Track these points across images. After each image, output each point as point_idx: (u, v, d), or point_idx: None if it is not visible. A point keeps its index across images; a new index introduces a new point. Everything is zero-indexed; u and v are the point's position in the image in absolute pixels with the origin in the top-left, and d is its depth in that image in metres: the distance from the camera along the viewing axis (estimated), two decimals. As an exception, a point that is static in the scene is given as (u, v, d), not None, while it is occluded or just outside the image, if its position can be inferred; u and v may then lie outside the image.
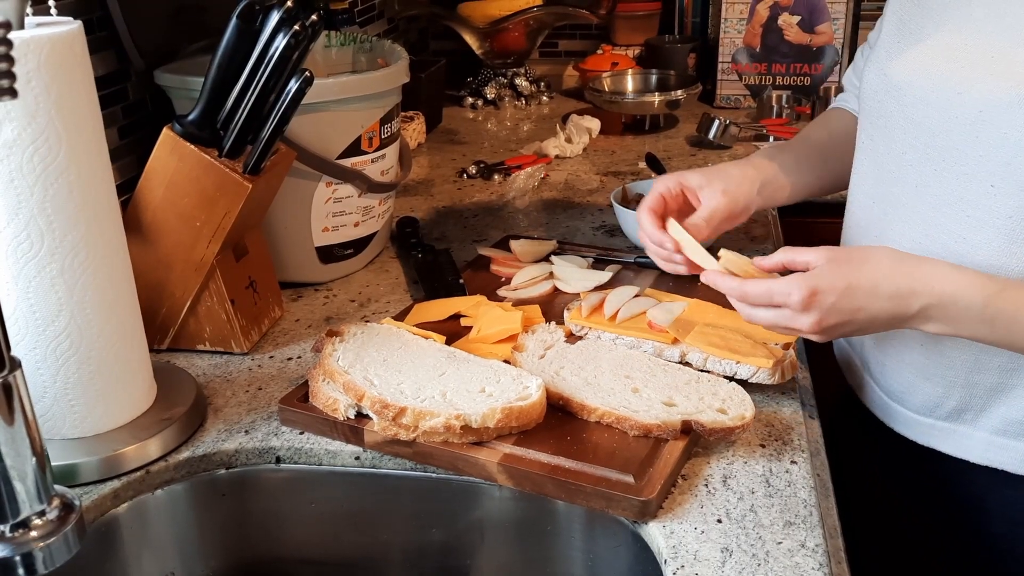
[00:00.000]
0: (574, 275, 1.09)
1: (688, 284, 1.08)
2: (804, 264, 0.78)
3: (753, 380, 0.86)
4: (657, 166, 1.36)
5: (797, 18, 1.92)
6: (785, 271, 0.81)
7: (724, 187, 0.95)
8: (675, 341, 0.90)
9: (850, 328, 0.77)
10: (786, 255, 0.79)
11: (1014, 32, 0.77)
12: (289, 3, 0.88)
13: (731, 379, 0.86)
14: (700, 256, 0.87)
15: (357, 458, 0.82)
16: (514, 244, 1.18)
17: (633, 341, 0.92)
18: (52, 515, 0.60)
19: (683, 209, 0.96)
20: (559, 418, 0.81)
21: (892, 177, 0.87)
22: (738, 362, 0.87)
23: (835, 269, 0.75)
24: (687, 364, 0.89)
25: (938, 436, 0.90)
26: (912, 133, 0.84)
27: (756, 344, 0.88)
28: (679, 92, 1.79)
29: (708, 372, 0.87)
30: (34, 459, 0.58)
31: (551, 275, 1.10)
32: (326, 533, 0.86)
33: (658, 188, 0.95)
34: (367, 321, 1.02)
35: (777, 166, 1.01)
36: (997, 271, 0.78)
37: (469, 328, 0.97)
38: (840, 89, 1.29)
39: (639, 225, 0.94)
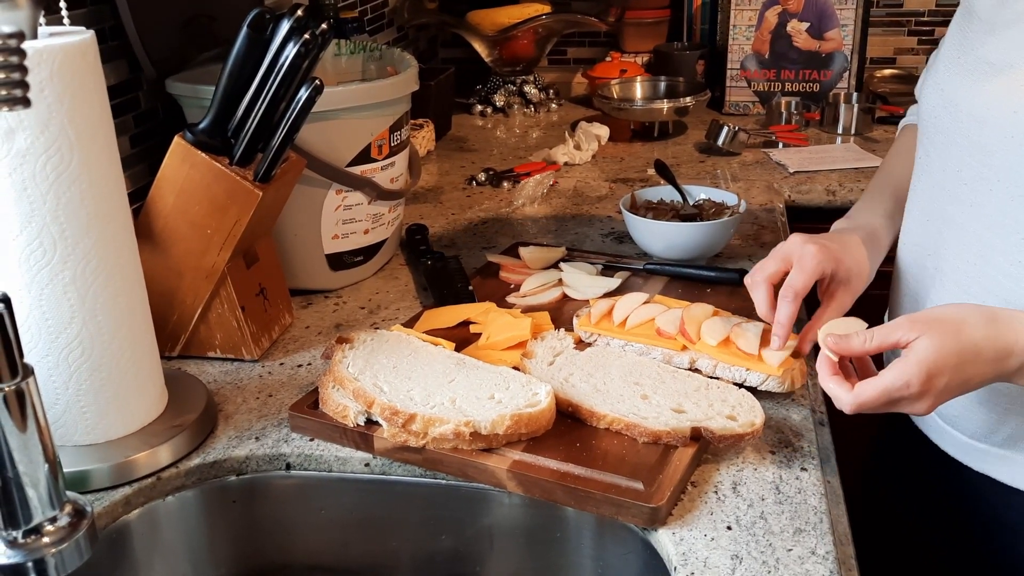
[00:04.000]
0: (583, 282, 1.09)
1: (696, 292, 1.08)
2: (896, 343, 0.74)
3: (763, 388, 0.86)
4: (666, 173, 1.36)
5: (806, 24, 1.92)
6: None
7: (856, 289, 0.90)
8: (684, 348, 0.90)
9: (956, 395, 0.74)
10: (878, 340, 0.75)
11: None
12: (299, 12, 0.89)
13: (741, 386, 0.86)
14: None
15: (367, 465, 0.83)
16: (523, 251, 1.18)
17: (642, 348, 0.92)
18: (64, 521, 0.60)
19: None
20: (568, 425, 0.81)
21: (948, 195, 0.85)
22: (748, 369, 0.87)
23: (939, 344, 0.71)
24: (696, 371, 0.89)
25: (992, 462, 0.87)
26: (968, 151, 0.82)
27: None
28: (688, 99, 1.79)
29: (717, 379, 0.87)
30: (46, 465, 0.59)
31: (560, 282, 1.10)
32: (336, 540, 0.86)
33: (815, 269, 0.87)
34: (377, 328, 1.03)
35: (892, 231, 0.97)
36: None
37: (478, 335, 0.97)
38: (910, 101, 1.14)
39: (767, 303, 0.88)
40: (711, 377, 0.88)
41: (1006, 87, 0.78)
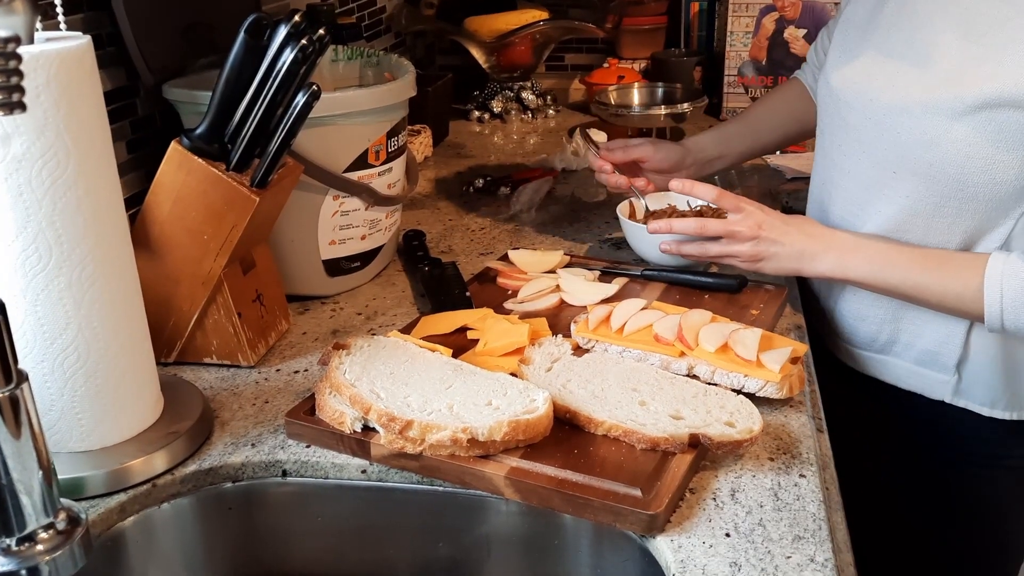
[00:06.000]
0: (581, 288, 1.09)
1: (694, 298, 1.08)
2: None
3: (761, 394, 0.86)
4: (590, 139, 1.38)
5: (803, 31, 1.92)
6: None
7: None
8: (682, 354, 0.90)
9: (772, 260, 1.01)
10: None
11: (914, 52, 0.96)
12: (296, 18, 0.89)
13: (739, 392, 0.85)
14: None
15: (364, 471, 0.82)
16: (512, 254, 1.18)
17: (640, 354, 0.92)
18: (58, 529, 0.60)
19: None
20: (566, 431, 0.81)
21: (831, 163, 1.09)
22: (746, 375, 0.86)
23: (764, 208, 1.03)
24: (695, 377, 0.89)
25: (876, 365, 1.10)
26: (843, 129, 1.05)
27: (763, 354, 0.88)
28: (685, 105, 1.79)
29: (715, 385, 0.87)
30: (40, 472, 0.58)
31: (558, 288, 1.10)
32: (332, 547, 0.86)
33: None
34: (374, 334, 1.02)
35: (709, 140, 1.33)
36: (904, 235, 0.99)
37: (476, 341, 0.97)
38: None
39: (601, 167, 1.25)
40: (709, 383, 0.87)
41: (867, 81, 1.01)
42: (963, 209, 0.94)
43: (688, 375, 0.89)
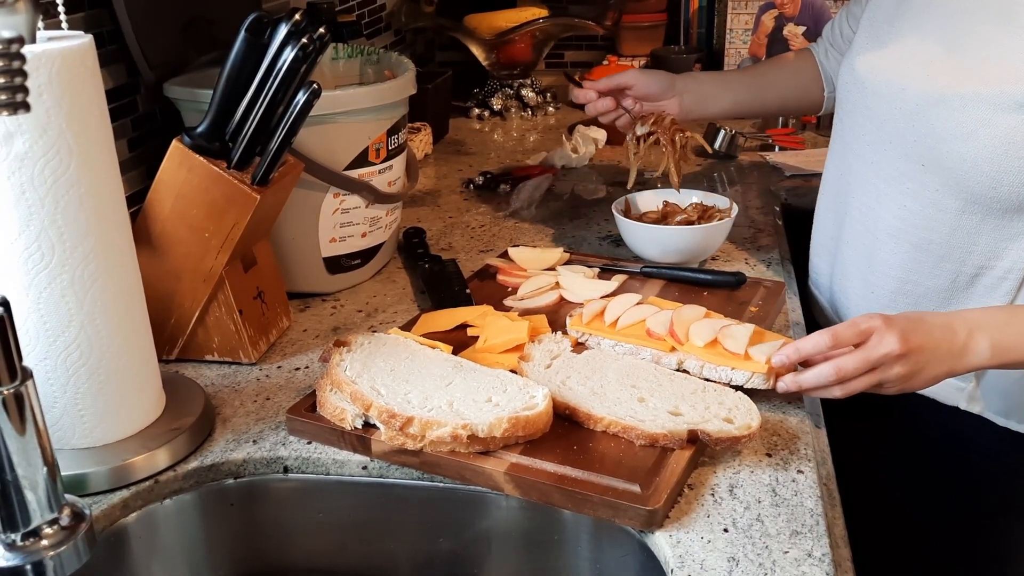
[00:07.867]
0: (580, 285, 1.10)
1: (693, 294, 1.09)
2: (857, 327, 0.83)
3: (748, 385, 0.86)
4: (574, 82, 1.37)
5: (802, 28, 1.92)
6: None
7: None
8: (673, 349, 0.91)
9: (926, 369, 0.82)
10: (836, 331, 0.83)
11: (949, 41, 0.93)
12: (297, 16, 0.89)
13: (728, 385, 0.86)
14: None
15: (364, 468, 0.83)
16: (512, 251, 1.18)
17: (632, 348, 0.93)
18: (62, 524, 0.60)
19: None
20: (566, 427, 0.82)
21: (853, 154, 1.06)
22: (733, 368, 0.87)
23: (903, 315, 0.84)
24: (684, 371, 0.89)
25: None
26: (868, 118, 1.02)
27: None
28: (685, 102, 1.79)
29: (707, 380, 0.88)
30: (45, 469, 0.59)
31: (557, 285, 1.11)
32: (334, 542, 0.86)
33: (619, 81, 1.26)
34: (374, 331, 1.03)
35: (708, 76, 1.33)
36: (928, 232, 0.97)
37: (476, 338, 0.98)
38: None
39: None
40: (703, 379, 0.88)
41: (897, 69, 0.98)
42: (992, 209, 0.91)
43: (678, 369, 0.90)
